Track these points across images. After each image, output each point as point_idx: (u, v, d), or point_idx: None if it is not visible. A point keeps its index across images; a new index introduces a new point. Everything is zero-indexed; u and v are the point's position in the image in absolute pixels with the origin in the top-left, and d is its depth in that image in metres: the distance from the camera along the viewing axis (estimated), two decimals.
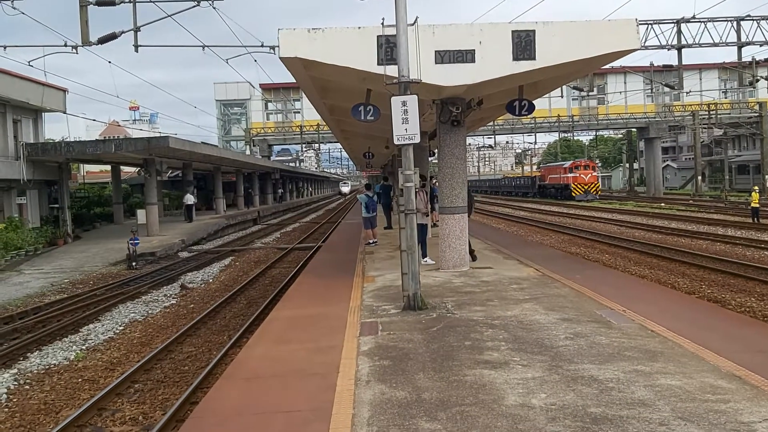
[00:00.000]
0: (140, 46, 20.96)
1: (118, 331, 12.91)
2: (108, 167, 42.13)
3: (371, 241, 18.77)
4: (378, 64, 10.54)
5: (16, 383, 9.66)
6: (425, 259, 13.79)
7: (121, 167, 41.19)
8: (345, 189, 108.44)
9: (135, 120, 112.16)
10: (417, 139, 9.20)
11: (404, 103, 9.07)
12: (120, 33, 20.10)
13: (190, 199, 37.80)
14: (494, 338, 7.56)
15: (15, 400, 9.00)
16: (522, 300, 9.79)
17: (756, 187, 30.22)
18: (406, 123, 9.08)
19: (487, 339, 7.54)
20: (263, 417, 5.59)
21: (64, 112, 31.67)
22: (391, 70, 9.45)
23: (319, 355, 7.34)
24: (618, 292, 10.27)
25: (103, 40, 19.87)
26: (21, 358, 10.98)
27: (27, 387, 9.54)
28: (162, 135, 33.65)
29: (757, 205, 27.49)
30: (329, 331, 8.40)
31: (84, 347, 11.72)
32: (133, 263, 21.74)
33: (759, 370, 5.98)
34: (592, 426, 4.84)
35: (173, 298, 16.48)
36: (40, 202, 30.61)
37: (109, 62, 28.58)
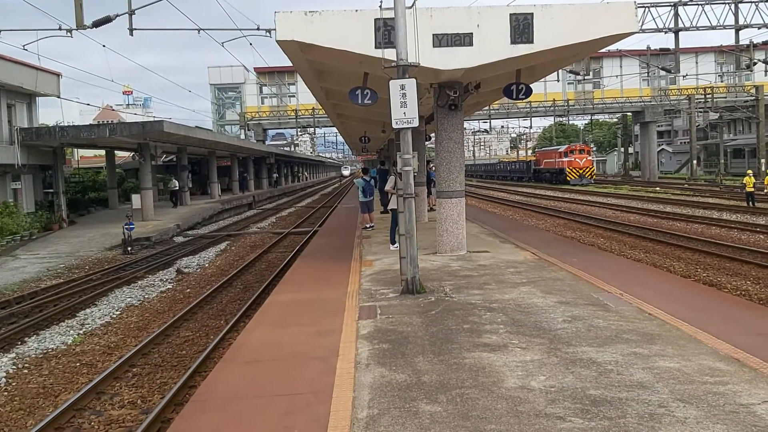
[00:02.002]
0: (135, 29, 20.84)
1: (114, 316, 12.91)
2: (102, 152, 41.89)
3: (368, 226, 18.76)
4: (376, 47, 10.48)
5: (14, 367, 9.67)
6: (395, 245, 13.05)
7: (116, 152, 40.98)
8: (345, 172, 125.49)
9: (128, 104, 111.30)
10: (416, 123, 9.16)
11: (402, 87, 9.01)
12: (115, 16, 19.93)
13: (175, 184, 37.71)
14: (493, 321, 7.59)
15: (14, 384, 9.01)
16: (519, 283, 9.82)
17: (749, 171, 30.23)
18: (404, 107, 9.04)
19: (486, 322, 7.57)
20: (265, 400, 5.60)
21: (58, 97, 31.49)
22: (389, 54, 9.40)
23: (319, 338, 7.35)
24: (614, 275, 10.30)
25: (97, 24, 19.71)
26: (19, 343, 10.98)
27: (25, 371, 9.55)
28: (156, 119, 33.42)
29: (752, 189, 27.56)
30: (328, 315, 8.41)
31: (81, 332, 11.72)
32: (129, 248, 21.69)
33: (757, 352, 6.02)
34: (592, 408, 4.87)
35: (169, 282, 16.48)
36: (35, 187, 30.44)
37: (104, 46, 28.28)
